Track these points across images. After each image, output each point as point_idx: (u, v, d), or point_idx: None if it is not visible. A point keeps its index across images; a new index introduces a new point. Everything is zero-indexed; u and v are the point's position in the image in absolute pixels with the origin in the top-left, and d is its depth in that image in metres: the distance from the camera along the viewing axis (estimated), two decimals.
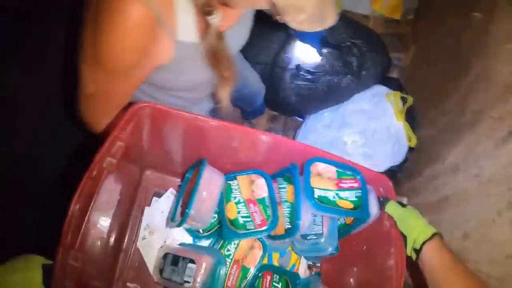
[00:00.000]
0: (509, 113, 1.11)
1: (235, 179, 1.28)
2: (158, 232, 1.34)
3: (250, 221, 1.20)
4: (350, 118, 1.86)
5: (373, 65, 1.89)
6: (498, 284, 1.01)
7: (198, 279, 1.12)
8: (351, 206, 1.14)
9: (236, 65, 1.10)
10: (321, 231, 1.22)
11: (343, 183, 1.20)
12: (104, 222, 1.14)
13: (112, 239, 1.21)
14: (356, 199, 1.17)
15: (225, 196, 1.26)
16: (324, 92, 1.91)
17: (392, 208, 1.14)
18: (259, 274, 1.29)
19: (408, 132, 1.82)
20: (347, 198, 1.16)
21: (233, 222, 1.20)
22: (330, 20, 0.94)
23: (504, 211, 1.04)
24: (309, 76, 1.89)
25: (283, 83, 1.97)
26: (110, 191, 1.12)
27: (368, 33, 2.01)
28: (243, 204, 1.23)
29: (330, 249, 1.19)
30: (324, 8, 0.92)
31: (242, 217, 1.22)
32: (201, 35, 0.97)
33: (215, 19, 0.93)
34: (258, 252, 1.29)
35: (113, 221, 1.17)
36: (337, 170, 1.22)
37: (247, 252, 1.30)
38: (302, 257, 1.41)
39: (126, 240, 1.31)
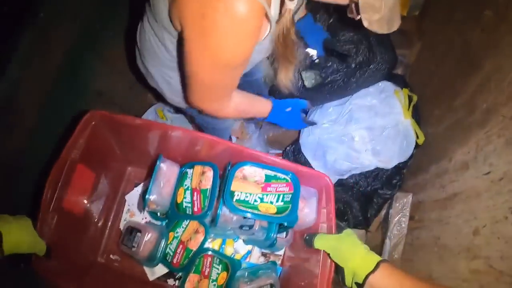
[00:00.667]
0: None
1: (193, 167, 1.47)
2: (136, 214, 1.70)
3: (190, 207, 1.42)
4: (357, 114, 1.86)
5: (381, 61, 1.88)
6: (511, 280, 1.03)
7: (142, 246, 1.42)
8: (274, 210, 1.24)
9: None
10: (252, 223, 1.33)
11: (271, 187, 1.29)
12: (95, 207, 1.59)
13: (101, 221, 1.65)
14: (282, 203, 1.25)
15: (180, 181, 1.48)
16: (330, 86, 1.91)
17: (321, 242, 1.15)
18: (200, 255, 1.44)
19: (416, 129, 1.83)
20: (272, 202, 1.25)
21: (178, 205, 1.45)
22: (397, 24, 1.02)
23: None
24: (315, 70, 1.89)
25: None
26: (101, 184, 1.59)
27: None
28: (189, 191, 1.44)
29: (263, 239, 1.33)
30: (395, 13, 1.00)
31: (186, 202, 1.44)
32: (279, 17, 1.01)
33: (293, 4, 0.98)
34: (201, 237, 1.44)
35: (103, 207, 1.64)
36: (266, 174, 1.31)
37: (192, 235, 1.46)
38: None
39: (111, 221, 1.71)
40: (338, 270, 1.09)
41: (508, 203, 1.10)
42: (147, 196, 1.38)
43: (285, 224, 1.31)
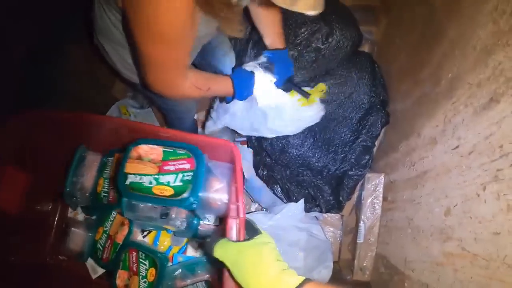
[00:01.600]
0: (489, 78, 1.03)
1: (113, 156, 1.44)
2: (79, 212, 1.65)
3: (107, 196, 1.44)
4: None
5: (342, 38, 1.80)
6: (486, 263, 0.94)
7: (71, 242, 1.46)
8: (170, 192, 1.08)
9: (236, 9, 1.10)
10: (167, 211, 1.21)
11: (169, 165, 1.12)
12: (39, 208, 1.60)
13: (47, 223, 1.63)
14: (181, 183, 1.08)
15: (100, 171, 1.47)
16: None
17: (221, 251, 0.88)
18: (125, 250, 1.35)
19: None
20: (169, 183, 1.09)
21: (97, 195, 1.45)
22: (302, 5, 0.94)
23: (489, 185, 0.96)
24: None
25: (245, 55, 1.87)
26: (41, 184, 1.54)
27: (337, 5, 1.92)
28: (107, 181, 1.45)
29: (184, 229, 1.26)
30: None
31: (103, 192, 1.45)
32: None
33: None
34: (126, 229, 1.38)
35: (50, 208, 1.63)
36: (164, 151, 1.14)
37: (118, 229, 1.40)
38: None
39: (56, 221, 1.66)
40: None
41: (479, 178, 1.01)
42: (65, 189, 1.41)
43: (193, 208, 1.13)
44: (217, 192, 1.17)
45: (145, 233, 1.44)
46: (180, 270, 1.31)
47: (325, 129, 1.89)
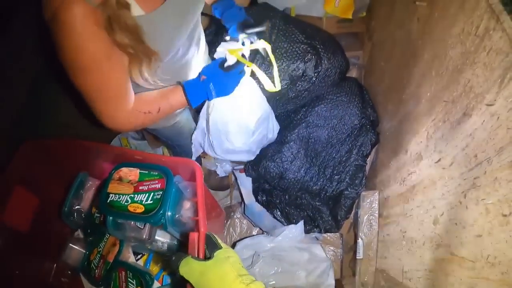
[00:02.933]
0: (461, 95, 1.12)
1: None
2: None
3: (99, 217, 1.52)
4: None
5: (330, 66, 1.89)
6: (472, 264, 1.01)
7: (69, 258, 1.57)
8: (142, 209, 1.19)
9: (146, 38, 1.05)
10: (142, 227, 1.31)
11: (144, 185, 1.24)
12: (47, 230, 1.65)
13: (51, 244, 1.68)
14: (151, 201, 1.20)
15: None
16: (283, 96, 1.91)
17: (185, 269, 0.88)
18: (115, 270, 1.45)
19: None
20: (142, 201, 1.21)
21: (91, 216, 1.54)
22: None
23: (469, 192, 1.05)
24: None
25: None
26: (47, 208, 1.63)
27: (323, 34, 2.02)
28: None
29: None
30: None
31: (97, 213, 1.53)
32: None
33: None
34: (117, 248, 1.47)
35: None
36: (140, 172, 1.27)
37: (110, 249, 1.48)
38: None
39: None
40: None
41: (460, 187, 1.10)
42: (64, 209, 1.53)
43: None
44: (188, 210, 1.27)
45: (139, 256, 1.54)
46: None
47: (320, 152, 1.97)
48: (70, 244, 1.58)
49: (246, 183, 2.04)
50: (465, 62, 1.12)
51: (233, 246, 1.95)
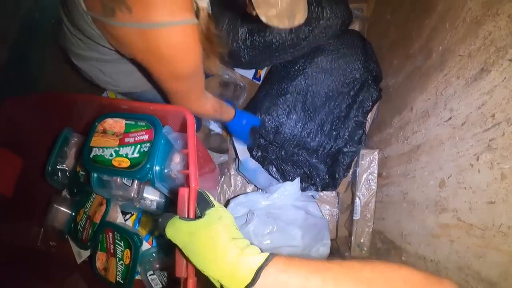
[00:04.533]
0: (479, 49, 1.03)
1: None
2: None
3: (84, 175, 1.39)
4: None
5: (332, 16, 1.78)
6: (482, 233, 0.95)
7: (54, 220, 1.44)
8: (127, 164, 1.08)
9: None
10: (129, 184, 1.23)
11: (130, 137, 1.12)
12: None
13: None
14: (138, 155, 1.08)
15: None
16: (278, 46, 1.82)
17: (172, 231, 0.78)
18: (102, 230, 1.35)
19: None
20: (127, 154, 1.09)
21: (76, 174, 1.42)
22: (299, 19, 1.04)
23: (483, 155, 0.97)
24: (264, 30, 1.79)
25: (236, 36, 1.87)
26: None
27: None
28: None
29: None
30: (296, 7, 1.01)
31: (82, 171, 1.42)
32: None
33: (205, 2, 1.05)
34: (104, 208, 1.36)
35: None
36: (126, 123, 1.14)
37: (97, 209, 1.38)
38: None
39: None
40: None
41: (473, 149, 1.01)
42: (47, 168, 1.42)
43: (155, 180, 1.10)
44: (178, 164, 1.15)
45: (127, 216, 1.44)
46: (154, 253, 1.31)
47: (318, 107, 1.88)
48: (55, 206, 1.46)
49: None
50: (486, 13, 1.02)
51: (227, 203, 1.88)
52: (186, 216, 0.90)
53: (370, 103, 1.83)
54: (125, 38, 1.04)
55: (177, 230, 0.76)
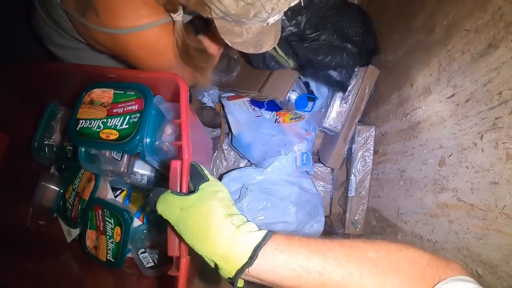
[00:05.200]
0: (487, 24, 0.98)
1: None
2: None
3: (71, 149, 1.35)
4: None
5: None
6: (483, 214, 0.92)
7: (42, 198, 1.42)
8: (115, 136, 1.01)
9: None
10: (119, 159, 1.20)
11: (118, 107, 1.05)
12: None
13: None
14: (127, 126, 1.01)
15: None
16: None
17: (163, 206, 0.73)
18: (91, 207, 1.31)
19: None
20: (116, 126, 1.02)
21: (63, 149, 1.38)
22: (266, 48, 1.06)
23: (487, 133, 0.93)
24: None
25: None
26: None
27: None
28: None
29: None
30: (263, 38, 1.02)
31: (69, 145, 1.37)
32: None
33: (179, 17, 1.04)
34: (93, 185, 1.32)
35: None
36: (114, 93, 1.07)
37: (86, 185, 1.34)
38: None
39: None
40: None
41: (476, 127, 0.98)
42: (33, 144, 1.37)
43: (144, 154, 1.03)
44: (170, 136, 1.09)
45: (117, 192, 1.40)
46: (145, 230, 1.28)
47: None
48: (43, 183, 1.42)
49: (234, 112, 1.91)
50: None
51: (220, 178, 1.85)
52: (179, 191, 0.85)
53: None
54: (96, 38, 1.05)
55: (169, 206, 0.72)
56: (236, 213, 0.72)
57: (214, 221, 0.66)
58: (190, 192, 0.78)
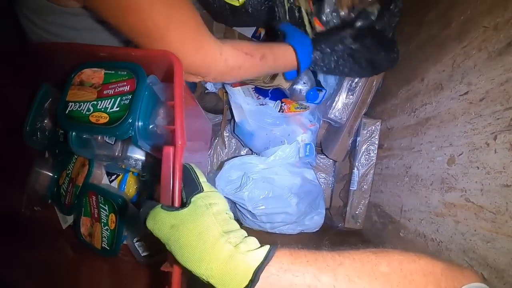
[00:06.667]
0: (508, 22, 0.95)
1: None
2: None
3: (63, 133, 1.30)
4: None
5: None
6: (493, 217, 0.90)
7: (35, 184, 1.36)
8: (105, 120, 0.93)
9: None
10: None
11: (109, 88, 0.97)
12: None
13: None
14: (118, 108, 0.93)
15: None
16: None
17: (153, 223, 0.66)
18: (85, 194, 1.26)
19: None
20: (106, 109, 0.94)
21: (56, 133, 1.33)
22: None
23: (501, 134, 0.91)
24: None
25: None
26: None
27: None
28: None
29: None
30: None
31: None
32: None
33: None
34: (85, 170, 1.28)
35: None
36: (105, 73, 0.99)
37: (79, 170, 1.29)
38: None
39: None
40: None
41: (490, 127, 0.95)
42: (25, 128, 1.31)
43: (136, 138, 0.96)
44: (164, 119, 1.01)
45: (113, 177, 1.35)
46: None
47: None
48: (36, 168, 1.38)
49: (237, 99, 1.88)
50: None
51: (220, 166, 1.82)
52: (171, 202, 0.78)
53: None
54: None
55: (158, 223, 0.65)
56: (233, 229, 0.66)
57: (208, 241, 0.61)
58: (182, 204, 0.73)
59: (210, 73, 1.02)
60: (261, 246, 0.63)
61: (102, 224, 1.22)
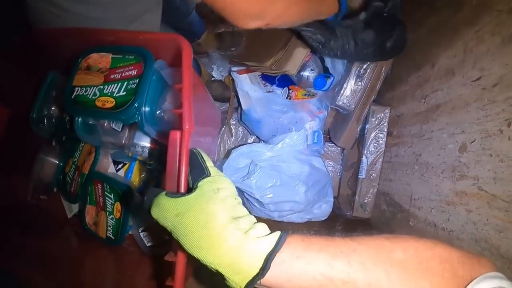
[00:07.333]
0: None
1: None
2: None
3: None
4: None
5: None
6: (506, 205, 0.87)
7: (41, 172, 1.36)
8: (111, 104, 0.92)
9: None
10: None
11: (116, 73, 0.95)
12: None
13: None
14: (124, 93, 0.92)
15: None
16: None
17: (157, 211, 0.63)
18: (91, 182, 1.25)
19: None
20: (113, 93, 0.93)
21: (62, 120, 1.31)
22: None
23: None
24: None
25: None
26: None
27: None
28: None
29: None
30: None
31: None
32: None
33: None
34: (92, 157, 1.26)
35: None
36: (112, 57, 0.98)
37: (86, 158, 1.28)
38: None
39: None
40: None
41: (504, 113, 0.92)
42: (31, 115, 1.29)
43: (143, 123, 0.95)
44: (171, 103, 0.98)
45: (119, 165, 1.34)
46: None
47: None
48: (42, 155, 1.36)
49: (244, 86, 1.86)
50: None
51: (228, 154, 1.80)
52: (176, 187, 0.75)
53: None
54: None
55: (163, 211, 0.62)
56: (243, 215, 0.64)
57: (215, 228, 0.58)
58: (189, 190, 0.70)
59: (272, 9, 1.00)
60: (271, 233, 0.61)
61: (107, 213, 1.21)
